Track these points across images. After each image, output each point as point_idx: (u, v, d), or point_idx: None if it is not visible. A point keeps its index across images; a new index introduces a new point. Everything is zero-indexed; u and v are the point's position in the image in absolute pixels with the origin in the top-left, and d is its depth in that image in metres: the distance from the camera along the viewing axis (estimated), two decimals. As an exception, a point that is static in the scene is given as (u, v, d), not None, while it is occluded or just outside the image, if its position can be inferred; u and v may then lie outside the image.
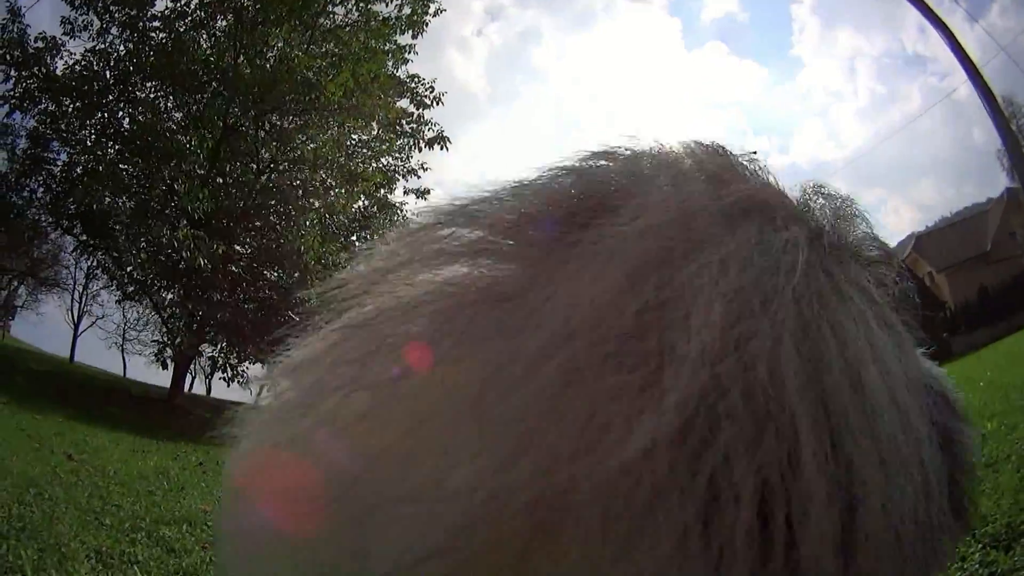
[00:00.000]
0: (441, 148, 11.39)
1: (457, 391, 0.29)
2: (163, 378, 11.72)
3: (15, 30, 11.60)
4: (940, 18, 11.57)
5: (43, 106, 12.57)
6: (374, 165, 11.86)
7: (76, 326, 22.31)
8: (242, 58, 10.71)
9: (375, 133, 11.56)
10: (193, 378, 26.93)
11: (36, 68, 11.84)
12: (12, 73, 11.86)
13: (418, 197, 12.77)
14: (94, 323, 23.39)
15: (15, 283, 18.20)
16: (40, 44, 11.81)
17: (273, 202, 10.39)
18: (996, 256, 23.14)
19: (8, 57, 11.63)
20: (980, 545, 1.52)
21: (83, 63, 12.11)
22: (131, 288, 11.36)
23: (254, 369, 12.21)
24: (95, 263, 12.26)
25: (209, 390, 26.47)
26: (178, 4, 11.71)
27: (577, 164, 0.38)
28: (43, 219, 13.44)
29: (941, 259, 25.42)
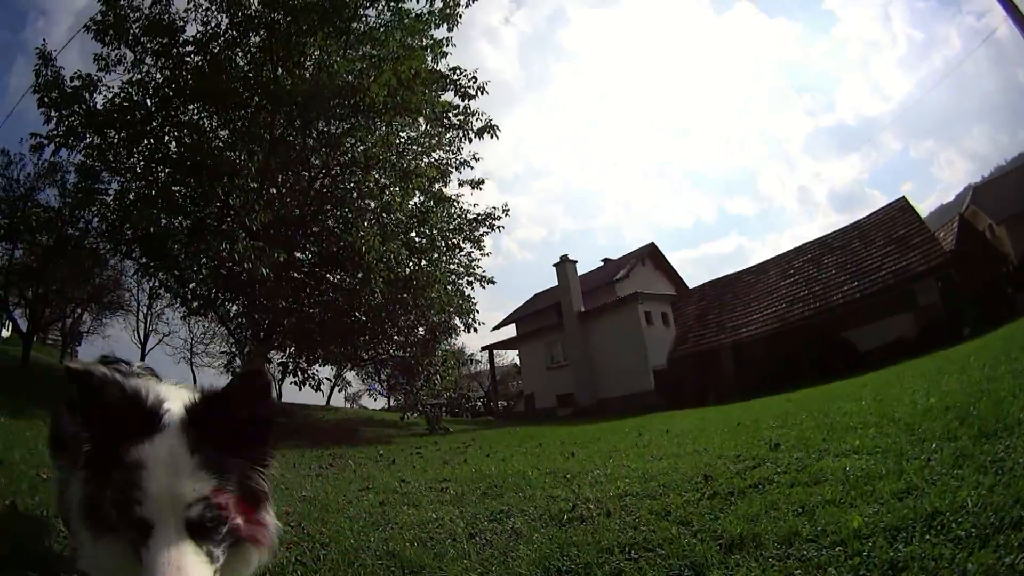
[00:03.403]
0: (491, 137, 11.41)
1: None
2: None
3: (49, 73, 11.81)
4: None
5: (88, 140, 12.76)
6: (426, 160, 11.97)
7: (143, 345, 23.23)
8: (280, 70, 10.88)
9: (423, 129, 11.65)
10: (265, 386, 27.69)
11: (76, 106, 12.03)
12: (53, 114, 12.01)
13: (473, 188, 12.97)
14: (161, 340, 24.33)
15: (79, 310, 18.92)
16: (77, 83, 12.01)
17: (329, 207, 10.58)
18: (1058, 202, 22.06)
19: (47, 99, 11.82)
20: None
21: (122, 95, 12.22)
22: (195, 304, 11.68)
23: (324, 371, 12.55)
24: (157, 283, 12.66)
25: (280, 395, 27.30)
26: (209, 27, 11.93)
27: None
28: (101, 247, 13.94)
29: (999, 210, 24.09)
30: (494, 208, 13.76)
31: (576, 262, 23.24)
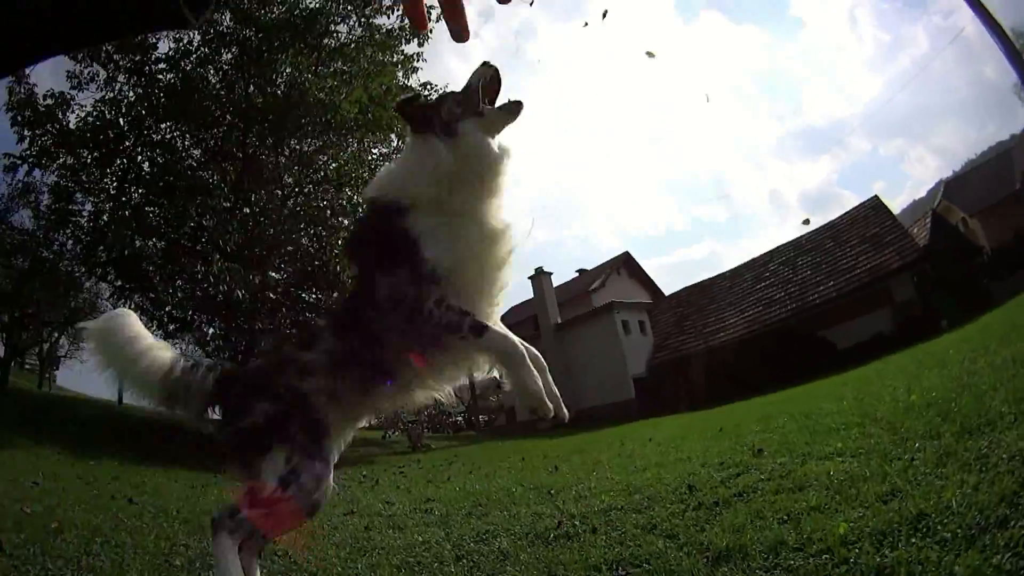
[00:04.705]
0: (461, 151, 11.21)
1: None
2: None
3: (22, 91, 11.62)
4: (939, -47, 11.25)
5: (61, 160, 12.58)
6: (398, 177, 11.83)
7: (121, 370, 22.71)
8: (252, 87, 10.83)
9: (395, 145, 11.67)
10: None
11: (49, 125, 11.88)
12: (26, 133, 11.86)
13: (445, 203, 12.85)
14: (139, 364, 23.78)
15: (56, 334, 18.62)
16: (50, 101, 11.84)
17: (302, 225, 10.53)
18: (1026, 193, 22.49)
19: (20, 118, 11.67)
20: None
21: (95, 114, 12.10)
22: (172, 326, 11.55)
23: (303, 391, 12.34)
24: (133, 306, 12.48)
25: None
26: (181, 44, 11.83)
27: None
28: (76, 270, 13.72)
29: (972, 203, 24.71)
30: None
31: (551, 274, 23.23)
